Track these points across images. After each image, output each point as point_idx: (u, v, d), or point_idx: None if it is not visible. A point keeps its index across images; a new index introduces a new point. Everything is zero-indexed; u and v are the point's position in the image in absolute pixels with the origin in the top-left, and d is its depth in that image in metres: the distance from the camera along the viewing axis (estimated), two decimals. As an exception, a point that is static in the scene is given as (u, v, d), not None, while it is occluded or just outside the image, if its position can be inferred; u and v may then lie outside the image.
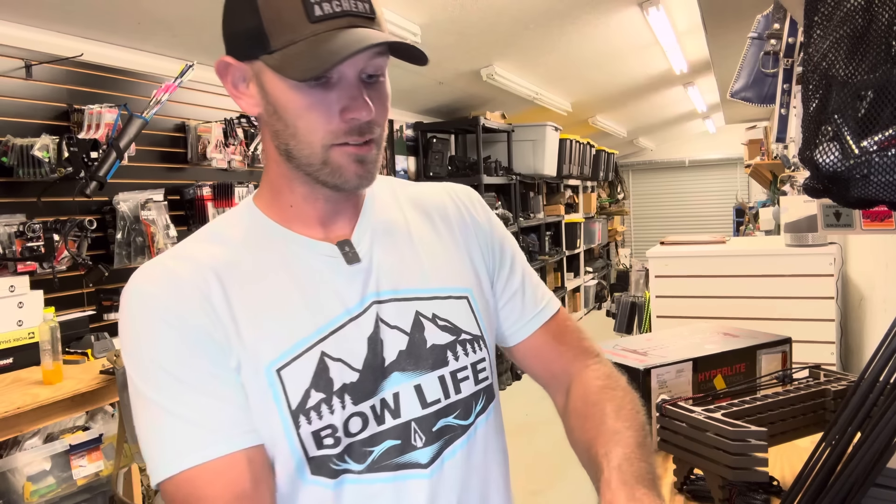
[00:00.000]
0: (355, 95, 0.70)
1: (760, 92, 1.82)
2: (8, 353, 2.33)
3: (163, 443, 0.69)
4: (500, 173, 5.59)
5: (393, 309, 0.78)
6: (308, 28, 0.67)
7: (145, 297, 0.72)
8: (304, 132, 0.71)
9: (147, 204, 2.96)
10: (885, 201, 0.66)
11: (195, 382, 0.69)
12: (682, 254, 2.52)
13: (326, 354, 0.73)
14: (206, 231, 0.80)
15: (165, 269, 0.74)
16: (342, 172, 0.73)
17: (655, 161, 11.04)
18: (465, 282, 0.85)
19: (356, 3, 0.69)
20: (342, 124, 0.71)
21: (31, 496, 2.17)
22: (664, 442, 1.05)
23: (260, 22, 0.68)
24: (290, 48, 0.67)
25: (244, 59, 0.72)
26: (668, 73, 5.82)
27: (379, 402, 0.75)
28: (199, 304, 0.71)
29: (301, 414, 0.71)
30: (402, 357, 0.77)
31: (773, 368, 1.33)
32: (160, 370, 0.70)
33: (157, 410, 0.69)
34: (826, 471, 0.75)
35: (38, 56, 2.62)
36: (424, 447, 0.76)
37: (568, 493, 2.91)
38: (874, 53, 0.62)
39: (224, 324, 0.71)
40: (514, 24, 3.82)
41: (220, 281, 0.73)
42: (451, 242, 0.87)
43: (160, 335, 0.70)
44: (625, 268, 8.34)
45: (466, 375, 0.80)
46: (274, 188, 0.79)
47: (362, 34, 0.67)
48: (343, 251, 0.78)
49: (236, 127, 3.47)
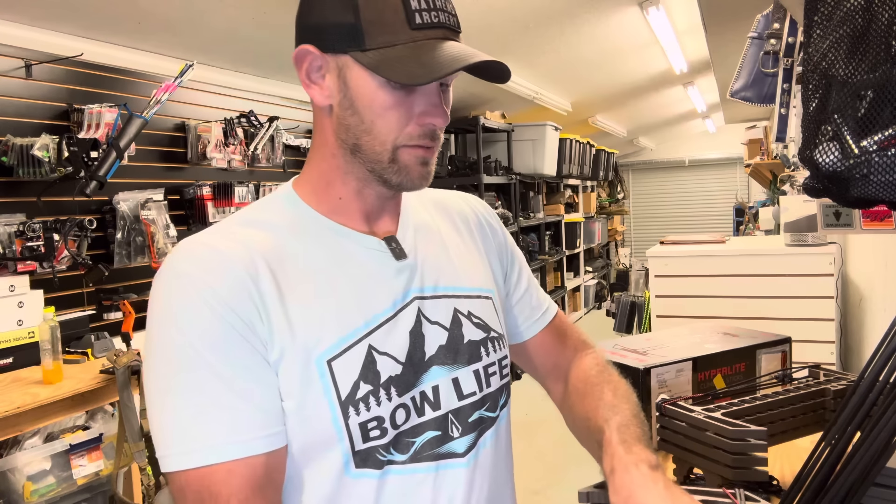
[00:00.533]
0: (436, 103, 0.74)
1: (760, 91, 1.82)
2: (8, 352, 2.33)
3: (182, 432, 0.67)
4: (500, 173, 5.59)
5: (433, 305, 0.81)
6: (408, 34, 0.70)
7: (190, 278, 0.69)
8: (380, 129, 0.73)
9: (147, 203, 2.96)
10: (884, 201, 0.66)
11: (227, 375, 0.68)
12: (682, 253, 2.52)
13: (374, 347, 0.75)
14: (246, 216, 0.79)
15: (213, 250, 0.71)
16: (408, 172, 0.76)
17: (655, 161, 11.04)
18: (488, 283, 0.90)
19: (449, 17, 0.73)
20: (417, 127, 0.74)
21: (31, 496, 2.17)
22: (664, 441, 1.05)
23: (357, 19, 0.70)
24: (388, 50, 0.70)
25: (329, 51, 0.73)
26: (667, 73, 5.82)
27: (419, 394, 0.77)
28: (248, 290, 0.70)
29: (350, 405, 0.72)
30: (441, 351, 0.80)
31: (773, 368, 1.33)
32: (194, 355, 0.67)
33: (180, 396, 0.67)
34: (826, 470, 0.75)
35: (38, 56, 2.62)
36: (461, 437, 0.79)
37: (568, 492, 2.91)
38: (874, 53, 0.62)
39: (271, 313, 0.70)
40: (514, 24, 3.82)
41: (270, 268, 0.72)
42: (474, 246, 0.92)
43: (200, 318, 0.68)
44: (624, 267, 8.35)
45: (495, 371, 0.85)
46: (325, 179, 0.79)
47: (460, 50, 0.71)
48: (390, 246, 0.81)
49: (236, 127, 3.47)
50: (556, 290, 7.16)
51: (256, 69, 3.69)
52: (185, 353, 0.68)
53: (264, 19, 2.95)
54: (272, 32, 3.11)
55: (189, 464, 0.67)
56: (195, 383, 0.67)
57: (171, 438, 0.68)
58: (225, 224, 0.77)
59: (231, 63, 3.51)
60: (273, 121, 3.69)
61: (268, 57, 3.48)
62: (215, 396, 0.67)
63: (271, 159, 3.74)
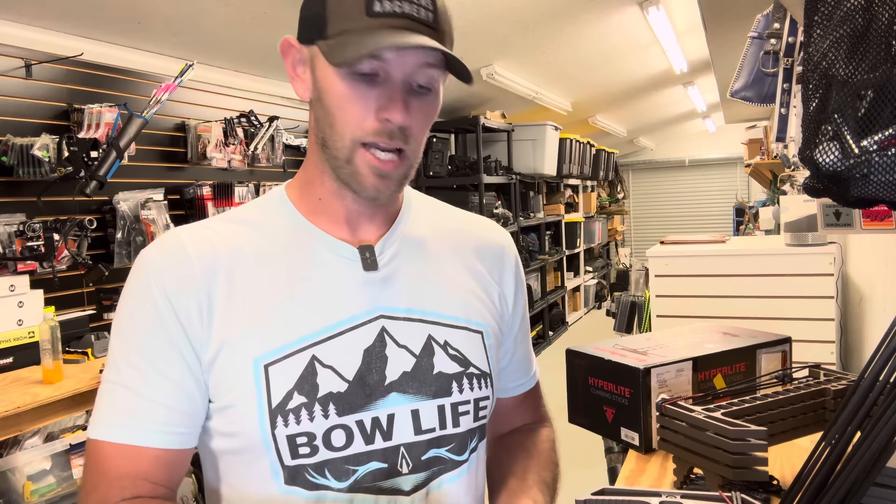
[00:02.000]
0: (394, 97, 0.69)
1: (760, 91, 1.82)
2: (8, 352, 2.33)
3: (99, 402, 0.72)
4: (500, 173, 5.59)
5: (405, 328, 0.76)
6: (363, 21, 0.67)
7: (148, 263, 0.73)
8: (340, 122, 0.70)
9: (147, 203, 2.96)
10: (884, 201, 0.66)
11: (142, 364, 0.70)
12: (682, 253, 2.52)
13: (317, 359, 0.71)
14: (232, 213, 0.80)
15: (178, 241, 0.74)
16: (359, 179, 0.72)
17: (655, 160, 11.04)
18: (484, 318, 0.83)
19: (418, 8, 0.68)
20: (376, 123, 0.69)
21: (31, 495, 2.17)
22: (664, 441, 1.05)
23: (323, 8, 0.70)
24: (342, 37, 0.68)
25: (304, 42, 0.74)
26: (668, 73, 5.82)
27: (370, 419, 0.72)
28: (195, 289, 0.71)
29: (279, 414, 0.69)
30: (404, 378, 0.74)
31: (773, 368, 1.33)
32: (126, 334, 0.72)
33: (108, 368, 0.72)
34: (826, 470, 0.75)
35: (38, 55, 2.62)
36: (409, 474, 0.74)
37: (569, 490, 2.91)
38: (874, 53, 0.62)
39: (215, 313, 0.71)
40: (515, 24, 3.82)
41: (230, 267, 0.73)
42: (477, 278, 0.85)
43: (142, 303, 0.71)
44: (625, 267, 8.34)
45: (467, 410, 0.78)
46: (308, 178, 0.78)
47: (412, 37, 0.67)
48: (363, 256, 0.76)
49: (236, 126, 3.47)
50: (556, 290, 7.16)
51: (256, 69, 3.69)
52: (120, 328, 0.73)
53: (264, 19, 2.95)
54: (272, 32, 3.11)
55: (90, 433, 0.71)
56: (118, 361, 0.71)
57: (95, 406, 0.72)
58: (211, 219, 0.79)
59: (231, 63, 3.51)
60: (273, 121, 3.69)
61: (268, 57, 3.48)
62: (128, 379, 0.70)
63: (271, 159, 3.74)
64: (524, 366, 0.95)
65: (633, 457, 1.20)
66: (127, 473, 0.69)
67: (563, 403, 1.38)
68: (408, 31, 0.67)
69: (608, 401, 1.25)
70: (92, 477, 0.70)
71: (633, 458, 1.19)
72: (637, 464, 1.17)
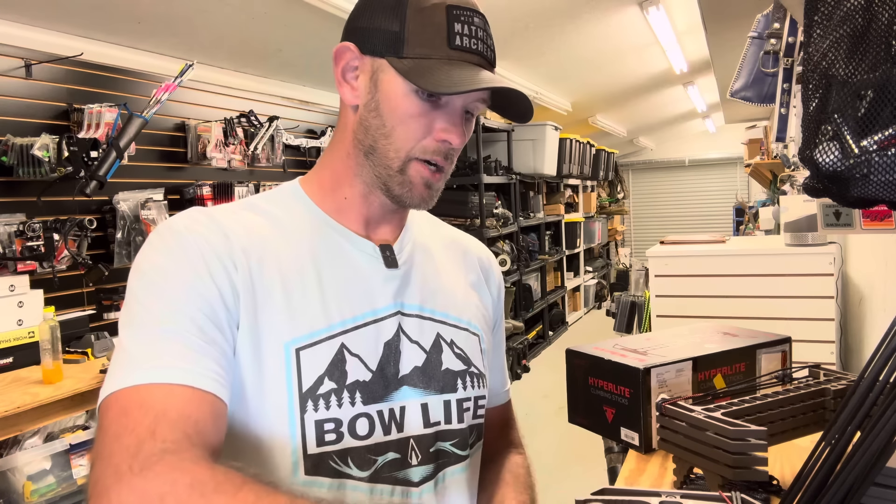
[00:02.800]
0: (457, 122, 0.76)
1: (760, 91, 1.82)
2: (8, 352, 2.33)
3: (126, 356, 0.64)
4: (500, 172, 5.59)
5: (416, 325, 0.80)
6: (445, 51, 0.73)
7: (188, 231, 0.71)
8: (398, 136, 0.75)
9: (147, 203, 2.96)
10: (884, 201, 0.66)
11: (195, 314, 0.66)
12: (682, 253, 2.52)
13: (346, 347, 0.74)
14: (249, 202, 0.81)
15: (211, 218, 0.74)
16: (412, 188, 0.77)
17: (655, 160, 11.04)
18: (480, 322, 0.89)
19: (486, 49, 0.77)
20: (434, 143, 0.76)
21: (31, 495, 2.17)
22: (664, 441, 1.05)
23: (401, 28, 0.74)
24: (423, 61, 0.73)
25: (368, 52, 0.76)
26: (667, 73, 5.82)
27: (388, 410, 0.75)
28: (241, 258, 0.71)
29: (310, 398, 0.71)
30: (415, 373, 0.78)
31: (773, 368, 1.33)
32: (160, 285, 0.67)
33: (133, 327, 0.65)
34: (826, 470, 0.75)
35: (38, 55, 2.62)
36: (418, 466, 0.77)
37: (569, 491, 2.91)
38: (874, 53, 0.62)
39: (254, 287, 0.71)
40: (515, 24, 3.82)
41: (262, 250, 0.74)
42: (474, 287, 0.92)
43: (180, 257, 0.69)
44: (624, 267, 8.34)
45: (469, 407, 0.83)
46: (335, 178, 0.81)
47: (490, 76, 0.75)
48: (384, 254, 0.81)
49: (236, 126, 3.47)
50: (556, 290, 7.16)
51: (256, 69, 3.69)
52: (152, 284, 0.68)
53: (264, 19, 2.95)
54: (272, 32, 3.12)
55: (125, 382, 0.61)
56: (156, 312, 0.66)
57: (115, 365, 0.64)
58: (227, 205, 0.80)
59: (231, 63, 3.51)
60: (273, 120, 3.69)
61: (268, 57, 3.48)
62: (176, 326, 0.65)
63: (271, 159, 3.74)
64: (500, 376, 0.99)
65: (633, 457, 1.20)
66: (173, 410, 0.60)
67: (563, 403, 1.38)
68: (480, 67, 0.75)
69: (608, 401, 1.25)
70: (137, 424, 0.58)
71: (633, 458, 1.19)
72: (637, 464, 1.17)
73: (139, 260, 0.71)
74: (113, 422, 0.59)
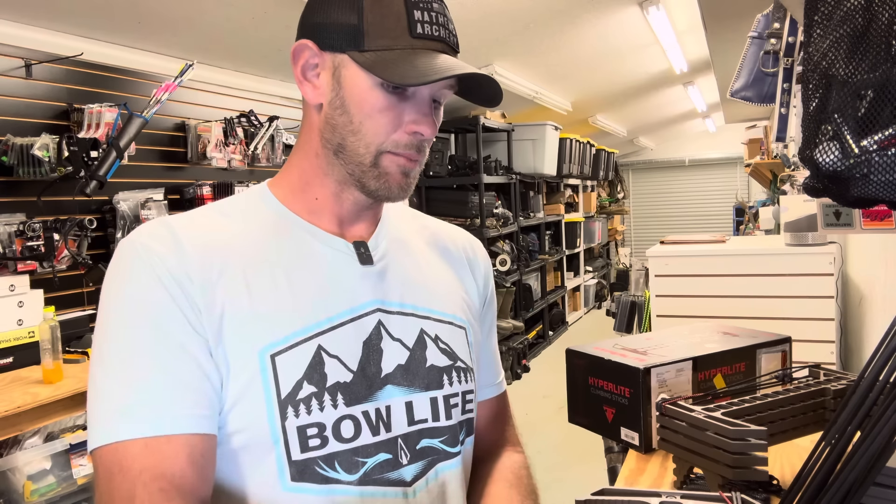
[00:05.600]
0: (426, 113, 0.75)
1: (760, 91, 1.82)
2: (8, 352, 2.33)
3: (101, 402, 0.65)
4: (500, 172, 5.59)
5: (398, 321, 0.78)
6: (407, 40, 0.71)
7: (145, 250, 0.69)
8: (367, 131, 0.73)
9: (147, 203, 2.96)
10: (884, 200, 0.66)
11: (156, 349, 0.66)
12: (682, 253, 2.52)
13: (323, 348, 0.72)
14: (215, 207, 0.79)
15: (171, 230, 0.72)
16: (387, 179, 0.75)
17: (655, 160, 11.04)
18: (465, 314, 0.87)
19: (449, 35, 0.74)
20: (405, 136, 0.74)
21: (31, 495, 2.17)
22: (664, 441, 1.05)
23: (360, 21, 0.71)
24: (386, 53, 0.71)
25: (327, 49, 0.74)
26: (668, 73, 5.82)
27: (374, 410, 0.74)
28: (199, 272, 0.69)
29: (290, 405, 0.69)
30: (399, 371, 0.76)
31: (773, 368, 1.33)
32: (129, 318, 0.67)
33: (105, 364, 0.66)
34: (826, 470, 0.75)
35: (38, 55, 2.62)
36: (409, 465, 0.76)
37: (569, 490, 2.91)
38: (874, 52, 0.62)
39: (215, 297, 0.69)
40: (515, 24, 3.81)
41: (226, 256, 0.72)
42: (457, 277, 0.90)
43: (147, 290, 0.67)
44: (625, 267, 8.35)
45: (457, 403, 0.81)
46: (304, 179, 0.79)
47: (455, 63, 0.72)
48: (358, 251, 0.79)
49: (236, 126, 3.47)
50: (556, 290, 7.16)
51: (256, 69, 3.69)
52: (119, 319, 0.67)
53: (264, 19, 2.95)
54: (272, 32, 3.11)
55: (99, 440, 0.64)
56: (125, 355, 0.66)
57: (92, 413, 0.65)
58: (192, 212, 0.77)
59: (231, 63, 3.51)
60: (273, 120, 3.69)
61: (268, 57, 3.48)
62: (141, 370, 0.65)
63: (271, 159, 3.74)
64: (492, 366, 0.96)
65: (633, 456, 1.20)
66: (153, 465, 0.63)
67: (563, 403, 1.38)
68: (443, 54, 0.73)
69: (608, 400, 1.25)
70: (119, 489, 0.62)
71: (633, 458, 1.19)
72: (637, 464, 1.17)
73: (103, 292, 0.70)
74: (101, 483, 0.64)
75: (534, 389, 5.08)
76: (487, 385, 0.95)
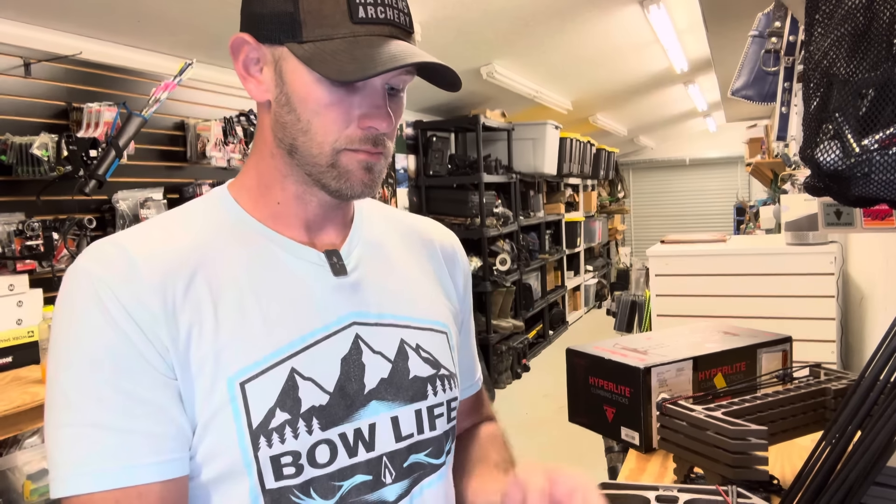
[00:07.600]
0: (379, 105, 0.67)
1: (761, 90, 1.81)
2: (7, 351, 2.33)
3: (61, 452, 0.61)
4: (501, 172, 5.59)
5: (377, 333, 0.73)
6: (348, 27, 0.64)
7: (90, 279, 0.63)
8: (317, 130, 0.67)
9: (146, 202, 2.96)
10: (885, 199, 0.66)
11: (108, 394, 0.61)
12: (683, 252, 2.52)
13: (297, 371, 0.67)
14: (170, 217, 0.72)
15: (120, 250, 0.65)
16: (349, 178, 0.68)
17: (656, 159, 11.03)
18: (446, 318, 0.82)
19: (398, 14, 0.66)
20: (358, 131, 0.67)
21: (30, 495, 2.17)
22: (664, 441, 1.05)
23: (295, 8, 0.65)
24: (325, 43, 0.64)
25: (265, 41, 0.68)
26: (668, 72, 5.81)
27: (353, 431, 0.69)
28: (153, 296, 0.63)
29: (262, 435, 0.64)
30: (382, 385, 0.72)
31: (774, 367, 1.33)
32: (81, 364, 0.61)
33: (63, 411, 0.61)
34: (826, 469, 0.75)
35: (37, 54, 2.62)
36: (393, 483, 0.71)
37: (568, 491, 2.90)
38: (875, 52, 0.62)
39: (178, 323, 0.64)
40: (515, 22, 3.81)
41: (185, 274, 0.65)
42: (437, 278, 0.85)
43: (96, 326, 0.62)
44: (625, 266, 8.34)
45: (441, 412, 0.77)
46: (263, 182, 0.73)
47: (404, 48, 0.65)
48: (330, 261, 0.73)
49: (235, 125, 3.47)
50: (556, 290, 7.16)
51: (256, 68, 3.69)
52: (70, 362, 0.62)
53: (264, 18, 2.95)
54: (272, 31, 3.11)
55: (61, 491, 0.60)
56: (75, 397, 0.61)
57: (55, 459, 0.61)
58: (145, 225, 0.71)
59: (230, 62, 3.51)
60: (273, 119, 3.69)
61: (268, 55, 3.48)
62: (96, 415, 0.60)
63: (271, 158, 3.74)
64: (471, 368, 0.93)
65: (634, 456, 1.20)
66: None
67: (564, 403, 1.38)
68: (391, 38, 0.66)
69: (608, 400, 1.24)
70: None
71: (633, 458, 1.19)
72: (637, 463, 1.17)
73: (53, 328, 0.64)
74: None
75: (534, 389, 5.07)
76: (467, 387, 0.92)
